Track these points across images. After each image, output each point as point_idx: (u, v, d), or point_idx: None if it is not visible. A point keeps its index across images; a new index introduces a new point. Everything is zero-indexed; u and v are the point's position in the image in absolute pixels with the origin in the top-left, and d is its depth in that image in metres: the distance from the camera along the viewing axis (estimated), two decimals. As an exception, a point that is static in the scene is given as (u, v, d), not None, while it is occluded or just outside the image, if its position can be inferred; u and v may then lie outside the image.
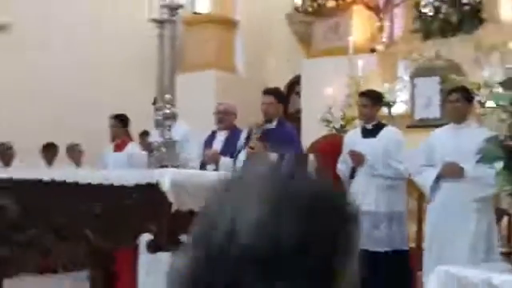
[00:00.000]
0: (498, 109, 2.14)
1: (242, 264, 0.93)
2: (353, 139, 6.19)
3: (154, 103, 5.32)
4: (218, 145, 6.63)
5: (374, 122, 6.15)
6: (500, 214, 5.44)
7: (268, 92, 6.29)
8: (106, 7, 9.94)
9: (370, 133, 6.08)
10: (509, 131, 2.08)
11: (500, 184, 2.24)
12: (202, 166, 6.24)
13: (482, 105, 6.72)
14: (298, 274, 0.94)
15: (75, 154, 9.29)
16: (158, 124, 3.69)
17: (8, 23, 4.84)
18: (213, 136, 6.85)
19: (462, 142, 4.79)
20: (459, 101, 5.12)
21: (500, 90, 2.17)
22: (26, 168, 5.78)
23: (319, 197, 1.00)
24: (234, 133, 6.61)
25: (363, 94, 6.38)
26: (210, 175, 5.68)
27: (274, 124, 5.95)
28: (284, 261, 0.93)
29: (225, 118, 6.72)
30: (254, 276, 0.93)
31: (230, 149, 6.34)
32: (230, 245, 0.93)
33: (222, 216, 0.96)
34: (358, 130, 6.30)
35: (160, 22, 3.46)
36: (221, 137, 6.72)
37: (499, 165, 2.14)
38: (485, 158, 2.09)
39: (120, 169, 5.98)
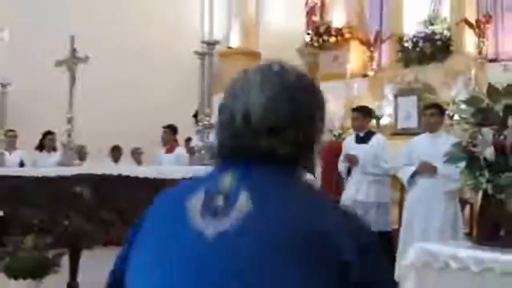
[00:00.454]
0: (461, 121, 2.14)
1: (255, 132, 1.08)
2: (349, 144, 6.21)
3: (195, 116, 5.35)
4: None
5: (365, 131, 6.13)
6: (463, 203, 5.42)
7: (356, 109, 6.23)
8: (160, 39, 10.03)
9: (362, 140, 6.06)
10: (470, 138, 2.09)
11: (463, 179, 2.24)
12: None
13: (451, 118, 6.68)
14: (291, 141, 1.09)
15: (136, 155, 9.44)
16: (199, 132, 3.71)
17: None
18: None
19: (435, 146, 4.76)
20: (433, 115, 5.10)
21: (463, 106, 2.16)
22: (98, 165, 5.85)
23: (303, 85, 1.15)
24: None
25: (355, 110, 6.34)
26: None
27: None
28: (282, 131, 1.08)
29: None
30: (265, 138, 1.07)
31: None
32: (245, 119, 1.09)
33: (237, 100, 1.13)
34: (353, 137, 6.29)
35: (201, 54, 3.48)
36: None
37: (462, 164, 2.13)
38: (451, 159, 2.09)
39: (170, 167, 6.00)
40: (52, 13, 8.90)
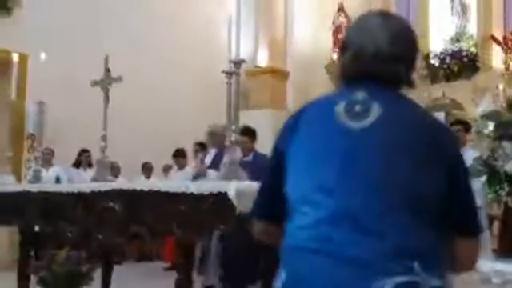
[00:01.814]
0: (482, 135, 2.14)
1: (383, 61, 1.43)
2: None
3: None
4: (208, 159, 6.21)
5: None
6: (491, 219, 5.33)
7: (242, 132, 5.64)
8: (191, 60, 10.16)
9: None
10: (491, 152, 2.08)
11: (484, 193, 2.23)
12: (195, 178, 5.59)
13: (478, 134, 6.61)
14: (406, 67, 1.48)
15: (167, 171, 9.54)
16: (228, 149, 3.74)
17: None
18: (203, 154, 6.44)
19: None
20: (459, 130, 5.06)
21: (485, 120, 2.16)
22: (130, 180, 5.92)
23: (410, 29, 1.52)
24: (221, 151, 5.96)
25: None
26: None
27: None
28: (401, 60, 1.46)
29: (213, 138, 6.38)
30: (390, 65, 1.45)
31: (217, 163, 5.88)
32: (375, 51, 1.43)
33: (354, 33, 1.51)
34: None
35: (228, 73, 3.53)
36: (210, 155, 6.35)
37: (483, 178, 2.13)
38: (472, 173, 2.08)
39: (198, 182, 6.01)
40: (86, 34, 9.11)
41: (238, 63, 3.45)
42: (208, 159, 6.25)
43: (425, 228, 1.30)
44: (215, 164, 5.83)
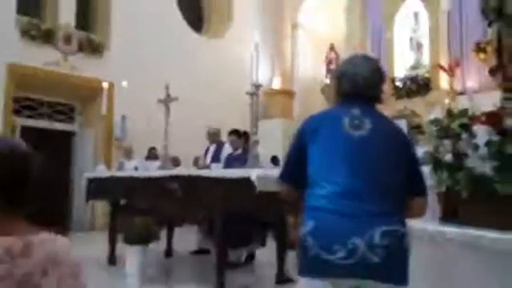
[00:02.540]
0: (431, 135, 2.12)
1: (367, 87, 1.61)
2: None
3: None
4: (210, 154, 5.85)
5: None
6: (438, 195, 5.23)
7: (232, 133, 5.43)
8: (226, 83, 10.20)
9: None
10: (435, 148, 2.07)
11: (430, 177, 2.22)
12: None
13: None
14: (380, 91, 1.66)
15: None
16: (253, 144, 3.74)
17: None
18: (207, 150, 6.06)
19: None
20: (417, 133, 4.99)
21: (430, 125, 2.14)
22: (186, 169, 5.96)
23: (380, 67, 1.69)
24: (220, 145, 5.87)
25: None
26: (276, 171, 5.58)
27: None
28: (378, 86, 1.65)
29: (213, 137, 5.99)
30: (372, 89, 1.63)
31: (218, 155, 5.65)
32: (362, 80, 1.61)
33: (349, 67, 1.64)
34: None
35: (250, 94, 3.55)
36: (212, 149, 5.94)
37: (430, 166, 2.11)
38: (423, 161, 2.07)
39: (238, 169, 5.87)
40: (153, 67, 9.21)
41: (257, 86, 3.49)
42: (210, 154, 5.88)
43: (393, 199, 1.49)
44: (217, 156, 5.67)
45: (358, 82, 1.58)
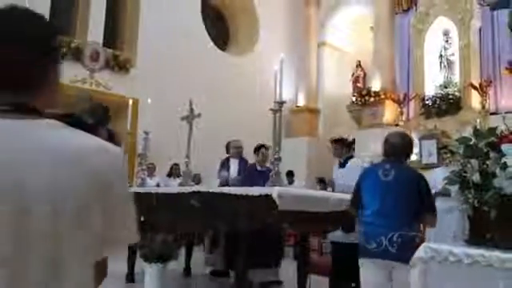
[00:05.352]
0: (457, 155, 2.10)
1: (399, 152, 2.80)
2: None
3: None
4: (234, 167, 5.78)
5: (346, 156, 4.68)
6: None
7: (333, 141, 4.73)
8: (248, 103, 10.30)
9: (342, 165, 4.64)
10: (462, 167, 2.04)
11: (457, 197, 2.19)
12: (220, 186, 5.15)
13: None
14: (406, 155, 2.95)
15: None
16: (273, 163, 3.75)
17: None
18: (227, 161, 5.90)
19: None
20: (446, 153, 4.90)
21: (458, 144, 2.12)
22: (207, 185, 5.98)
23: (407, 137, 3.00)
24: (243, 160, 5.91)
25: (335, 141, 4.74)
26: (296, 189, 5.55)
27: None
28: (404, 152, 2.85)
29: (237, 151, 5.91)
30: (401, 154, 2.84)
31: (242, 170, 5.67)
32: (396, 147, 2.81)
33: (392, 140, 2.81)
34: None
35: (274, 111, 3.58)
36: (235, 163, 5.84)
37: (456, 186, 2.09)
38: (448, 182, 2.06)
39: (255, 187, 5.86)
40: (177, 84, 9.43)
41: (280, 103, 3.52)
42: (233, 167, 5.83)
43: (406, 217, 2.62)
44: (242, 170, 5.67)
45: (392, 148, 2.76)
